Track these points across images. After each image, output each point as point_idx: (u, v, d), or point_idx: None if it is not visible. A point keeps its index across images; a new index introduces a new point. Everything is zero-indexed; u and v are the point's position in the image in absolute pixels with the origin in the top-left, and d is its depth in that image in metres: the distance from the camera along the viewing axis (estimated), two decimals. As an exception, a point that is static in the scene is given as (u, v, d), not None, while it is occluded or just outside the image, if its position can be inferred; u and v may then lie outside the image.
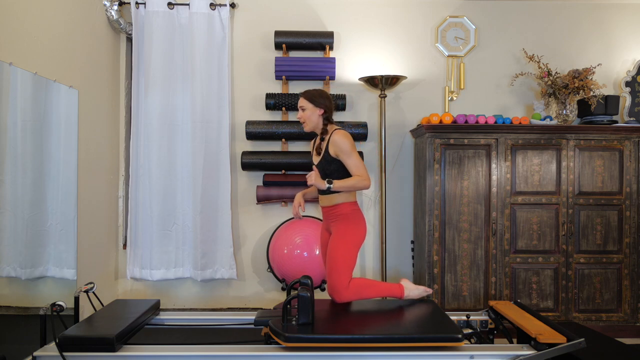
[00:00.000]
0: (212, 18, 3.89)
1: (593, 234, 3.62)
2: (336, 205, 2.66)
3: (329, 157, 2.61)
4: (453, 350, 2.27)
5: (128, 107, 4.07)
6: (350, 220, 2.65)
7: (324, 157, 2.64)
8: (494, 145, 3.61)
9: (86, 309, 2.97)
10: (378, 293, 2.71)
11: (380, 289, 2.72)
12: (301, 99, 2.70)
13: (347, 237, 2.63)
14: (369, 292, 2.67)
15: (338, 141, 2.56)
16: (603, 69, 4.03)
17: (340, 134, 2.59)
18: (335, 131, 2.62)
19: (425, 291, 2.79)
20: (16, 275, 2.72)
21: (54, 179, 3.06)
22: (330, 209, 2.70)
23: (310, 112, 2.67)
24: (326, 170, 2.63)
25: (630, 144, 3.62)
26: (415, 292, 2.78)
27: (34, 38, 2.89)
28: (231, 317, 2.86)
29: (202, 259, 3.88)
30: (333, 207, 2.68)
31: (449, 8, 4.08)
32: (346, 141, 2.56)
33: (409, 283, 2.80)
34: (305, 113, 2.68)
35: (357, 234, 2.65)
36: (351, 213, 2.66)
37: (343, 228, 2.64)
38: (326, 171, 2.63)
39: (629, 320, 3.61)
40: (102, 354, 2.22)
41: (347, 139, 2.57)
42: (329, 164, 2.62)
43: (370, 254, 4.08)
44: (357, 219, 2.67)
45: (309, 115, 2.68)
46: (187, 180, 3.92)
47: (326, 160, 2.63)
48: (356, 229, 2.65)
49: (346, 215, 2.65)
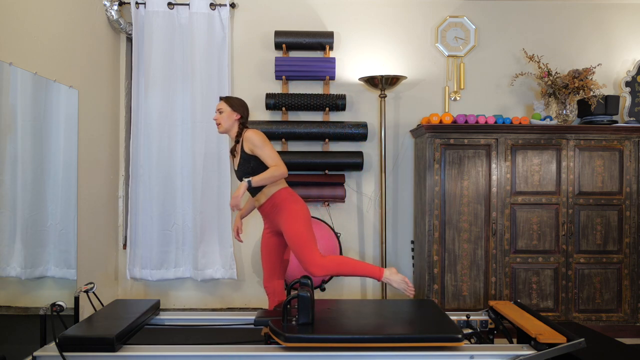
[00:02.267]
0: (212, 18, 3.89)
1: (593, 234, 3.62)
2: (272, 195, 2.78)
3: (246, 155, 2.74)
4: (453, 350, 2.27)
5: (128, 107, 4.07)
6: (291, 202, 2.76)
7: (242, 156, 2.77)
8: (494, 145, 3.61)
9: (86, 309, 2.97)
10: (355, 271, 2.72)
11: (359, 268, 2.72)
12: (221, 102, 2.85)
13: (297, 216, 2.73)
14: (346, 268, 2.71)
15: (250, 137, 2.71)
16: (603, 69, 4.03)
17: (252, 131, 2.75)
18: (246, 129, 2.79)
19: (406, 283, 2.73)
20: (16, 275, 2.72)
21: (54, 179, 3.06)
22: (269, 203, 2.79)
23: (226, 115, 2.82)
24: (246, 170, 2.76)
25: (630, 144, 3.62)
26: (395, 277, 2.74)
27: (34, 38, 2.89)
28: (231, 317, 2.86)
29: (202, 259, 3.88)
30: (271, 199, 2.78)
31: (449, 8, 4.08)
32: (257, 136, 2.71)
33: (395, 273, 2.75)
34: (222, 115, 2.82)
35: (302, 210, 2.76)
36: (289, 196, 2.78)
37: (289, 210, 2.73)
38: (247, 170, 2.76)
39: (629, 320, 3.61)
40: (102, 354, 2.21)
41: (258, 134, 2.73)
42: (247, 162, 2.74)
43: (370, 254, 4.08)
44: (296, 199, 2.80)
45: (225, 117, 2.82)
46: (187, 180, 3.92)
47: (244, 159, 2.75)
48: (299, 207, 2.76)
49: (285, 199, 2.76)
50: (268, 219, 2.86)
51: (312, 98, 3.87)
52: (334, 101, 3.89)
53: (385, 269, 2.76)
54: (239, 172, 2.80)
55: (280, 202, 2.76)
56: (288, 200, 2.76)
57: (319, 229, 3.64)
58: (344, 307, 2.72)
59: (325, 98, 3.88)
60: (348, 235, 4.06)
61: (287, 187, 2.83)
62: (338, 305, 2.76)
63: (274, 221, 2.82)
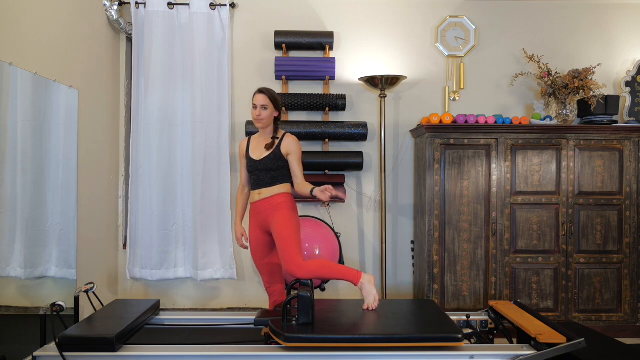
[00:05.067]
0: (212, 18, 3.89)
1: (593, 234, 3.62)
2: (277, 195, 2.86)
3: (279, 154, 2.86)
4: (453, 350, 2.27)
5: (128, 107, 4.07)
6: (290, 207, 2.86)
7: (274, 153, 2.86)
8: (494, 145, 3.61)
9: (86, 309, 2.97)
10: (334, 274, 2.75)
11: (337, 271, 2.75)
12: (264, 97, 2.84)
13: (291, 221, 2.81)
14: (327, 272, 2.74)
15: (293, 144, 2.87)
16: (603, 69, 4.03)
17: (293, 137, 2.90)
18: (287, 134, 2.92)
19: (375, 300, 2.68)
20: (16, 275, 2.72)
21: (54, 179, 3.06)
22: (269, 200, 2.86)
23: (270, 112, 2.87)
24: (270, 166, 2.85)
25: (630, 144, 3.62)
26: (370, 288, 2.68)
27: (34, 38, 2.89)
28: (231, 317, 2.86)
29: (202, 259, 3.88)
30: (273, 197, 2.85)
31: (449, 8, 4.08)
32: (298, 146, 2.90)
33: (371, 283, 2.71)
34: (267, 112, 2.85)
35: (296, 218, 2.87)
36: (290, 202, 2.88)
37: (287, 213, 2.82)
38: (270, 166, 2.86)
39: (629, 320, 3.61)
40: (102, 354, 2.22)
41: (299, 143, 2.91)
42: (276, 160, 2.85)
43: (370, 254, 4.08)
44: (295, 207, 2.91)
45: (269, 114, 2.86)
46: (187, 180, 3.92)
47: (275, 156, 2.86)
48: (295, 214, 2.87)
49: (286, 202, 2.85)
50: (260, 216, 2.89)
51: (312, 98, 3.87)
52: (334, 101, 3.89)
53: (364, 274, 2.73)
54: (263, 164, 2.87)
55: (281, 204, 2.84)
56: (288, 206, 2.86)
57: (319, 229, 3.64)
58: (344, 307, 2.72)
59: (325, 98, 3.88)
60: (348, 235, 4.06)
61: (291, 193, 2.93)
62: (338, 305, 2.76)
63: (266, 219, 2.85)
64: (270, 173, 2.86)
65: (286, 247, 2.73)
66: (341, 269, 2.76)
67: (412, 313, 2.64)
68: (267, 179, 2.87)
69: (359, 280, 2.71)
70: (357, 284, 2.72)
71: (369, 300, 2.69)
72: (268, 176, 2.86)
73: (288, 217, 2.81)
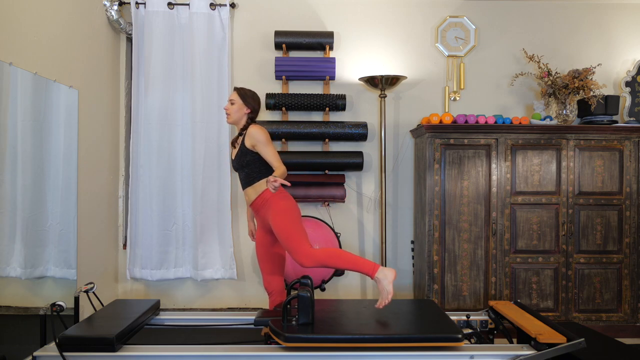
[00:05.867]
0: (212, 18, 3.89)
1: (593, 234, 3.62)
2: (264, 192, 2.79)
3: (245, 149, 2.78)
4: (453, 350, 2.27)
5: (128, 107, 4.07)
6: (280, 198, 2.77)
7: (241, 149, 2.81)
8: (494, 145, 3.61)
9: (86, 309, 2.97)
10: (347, 264, 2.61)
11: (352, 261, 2.61)
12: (234, 92, 2.88)
13: (285, 210, 2.74)
14: (338, 261, 2.61)
15: (254, 134, 2.74)
16: (603, 69, 4.03)
17: (256, 127, 2.79)
18: (252, 125, 2.82)
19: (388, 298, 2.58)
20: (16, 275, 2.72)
21: (54, 179, 3.06)
22: (259, 199, 2.81)
23: (237, 107, 2.85)
24: (242, 162, 2.80)
25: (630, 144, 3.63)
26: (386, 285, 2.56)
27: (34, 38, 2.89)
28: (231, 317, 2.86)
29: (202, 259, 3.88)
30: (262, 195, 2.80)
31: (449, 8, 4.08)
32: (262, 134, 2.75)
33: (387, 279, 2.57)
34: (233, 106, 2.86)
35: (291, 205, 2.78)
36: (279, 193, 2.79)
37: (279, 205, 2.74)
38: (242, 163, 2.80)
39: (629, 320, 3.61)
40: (102, 354, 2.22)
41: (262, 131, 2.77)
42: (245, 155, 2.78)
43: (370, 254, 4.08)
44: (285, 195, 2.81)
45: (235, 109, 2.85)
46: (187, 180, 3.92)
47: (242, 152, 2.80)
48: (289, 202, 2.78)
49: (273, 196, 2.77)
50: (259, 216, 2.87)
51: (312, 98, 3.87)
52: (334, 101, 3.89)
53: (381, 267, 2.60)
54: (235, 162, 2.85)
55: (270, 198, 2.77)
56: (278, 197, 2.77)
57: (319, 229, 3.64)
58: (344, 307, 2.72)
59: (325, 98, 3.88)
60: (348, 235, 4.06)
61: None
62: (338, 305, 2.76)
63: (265, 217, 2.83)
64: (244, 170, 2.81)
65: (289, 239, 2.67)
66: (356, 260, 2.62)
67: (412, 313, 2.64)
68: (243, 177, 2.83)
69: (375, 272, 2.57)
70: (372, 277, 2.59)
71: (382, 296, 2.57)
72: (243, 174, 2.83)
73: (282, 209, 2.72)
